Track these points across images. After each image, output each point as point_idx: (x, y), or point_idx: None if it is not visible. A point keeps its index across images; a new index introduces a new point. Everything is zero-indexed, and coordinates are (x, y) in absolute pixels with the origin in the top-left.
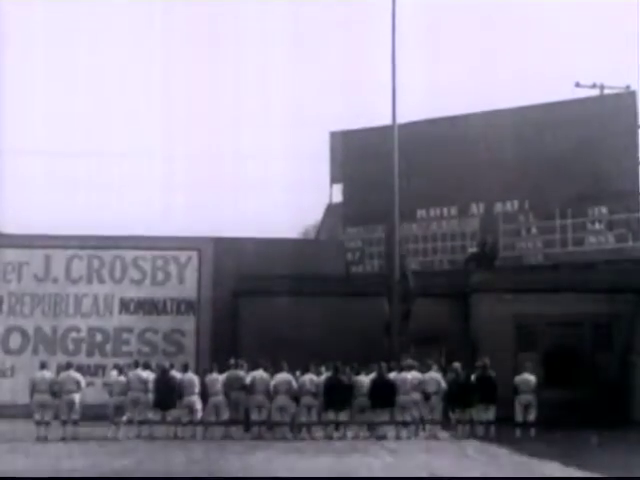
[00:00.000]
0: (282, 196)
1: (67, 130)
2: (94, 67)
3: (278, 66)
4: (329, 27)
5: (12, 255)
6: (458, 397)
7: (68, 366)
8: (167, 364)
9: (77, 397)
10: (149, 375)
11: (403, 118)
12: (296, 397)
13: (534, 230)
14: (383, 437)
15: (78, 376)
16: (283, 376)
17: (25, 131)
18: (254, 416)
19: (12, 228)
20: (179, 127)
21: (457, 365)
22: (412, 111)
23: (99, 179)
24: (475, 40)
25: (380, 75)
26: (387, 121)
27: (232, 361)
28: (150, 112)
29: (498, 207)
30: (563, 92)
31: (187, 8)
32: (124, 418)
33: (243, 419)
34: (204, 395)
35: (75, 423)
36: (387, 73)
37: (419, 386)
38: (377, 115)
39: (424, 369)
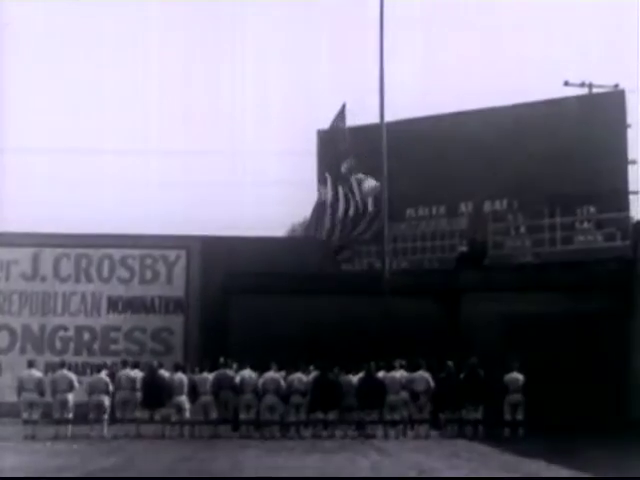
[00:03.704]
0: (269, 194)
1: (63, 127)
2: (92, 63)
3: (266, 62)
4: (317, 23)
5: (0, 253)
6: (447, 396)
7: (62, 365)
8: (156, 363)
9: (70, 396)
10: (137, 374)
11: (391, 116)
12: (285, 396)
13: (523, 229)
14: (371, 436)
15: (71, 375)
16: (271, 375)
17: (18, 129)
18: (242, 415)
19: (5, 226)
20: (169, 124)
21: (450, 364)
22: (400, 109)
23: (91, 177)
24: (463, 39)
25: (369, 73)
26: (375, 119)
27: (222, 360)
28: (141, 110)
29: (487, 206)
30: (551, 91)
31: (183, 6)
32: (105, 416)
33: (232, 418)
34: (193, 394)
35: (68, 422)
36: (376, 71)
37: (408, 385)
38: (365, 113)
39: (412, 368)
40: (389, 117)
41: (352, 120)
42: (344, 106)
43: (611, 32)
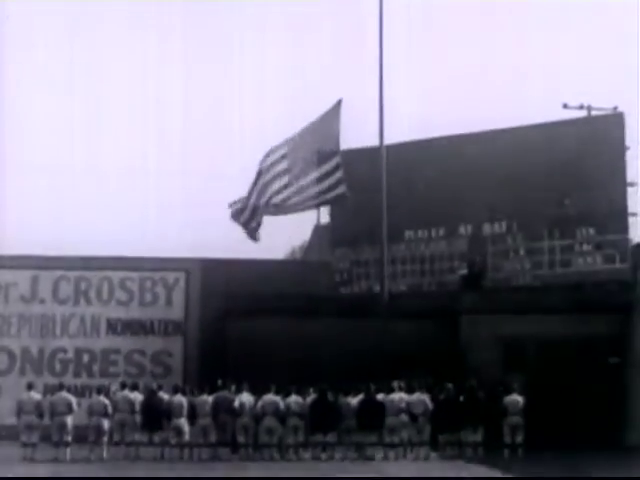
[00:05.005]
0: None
1: (61, 146)
2: (92, 86)
3: (265, 83)
4: (317, 44)
5: None
6: (446, 418)
7: (60, 387)
8: (155, 385)
9: (69, 419)
10: (136, 396)
11: (391, 140)
12: (283, 418)
13: (522, 251)
14: (371, 458)
15: (70, 398)
16: (270, 398)
17: (18, 150)
18: (241, 438)
19: (4, 248)
20: (167, 144)
21: (450, 386)
22: (399, 132)
23: (90, 198)
24: (461, 62)
25: (369, 97)
26: (376, 142)
27: (220, 382)
28: (141, 130)
29: (486, 228)
30: (550, 113)
31: (179, 9)
32: (104, 439)
33: (230, 441)
34: (192, 416)
35: (67, 445)
36: (375, 94)
37: (406, 407)
38: (365, 136)
39: (411, 390)
40: (388, 140)
41: (351, 143)
42: (340, 102)
43: (610, 55)
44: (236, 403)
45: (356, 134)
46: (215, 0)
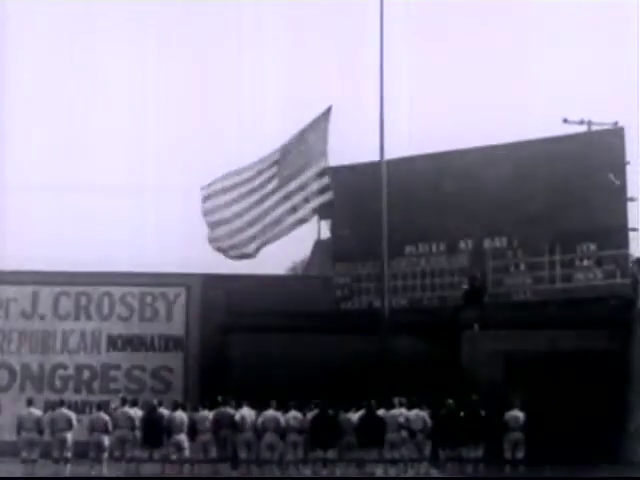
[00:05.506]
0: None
1: (60, 160)
2: (88, 101)
3: (268, 99)
4: (319, 59)
5: None
6: (447, 434)
7: (60, 404)
8: (155, 401)
9: (69, 435)
10: (137, 412)
11: (392, 154)
12: (283, 434)
13: (523, 266)
14: (372, 475)
15: (70, 414)
16: (271, 413)
17: (17, 166)
18: (242, 454)
19: (4, 264)
20: (167, 161)
21: (451, 401)
22: (399, 147)
23: (91, 214)
24: (461, 76)
25: (370, 110)
26: (376, 157)
27: (220, 398)
28: (142, 146)
29: (487, 243)
30: (551, 128)
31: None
32: (105, 455)
33: (231, 457)
34: (192, 432)
35: (67, 461)
36: (374, 104)
37: (406, 423)
38: (366, 151)
39: (412, 406)
40: (386, 153)
41: (351, 159)
42: (330, 108)
43: (610, 69)
44: (237, 417)
45: (354, 145)
46: (215, 0)
